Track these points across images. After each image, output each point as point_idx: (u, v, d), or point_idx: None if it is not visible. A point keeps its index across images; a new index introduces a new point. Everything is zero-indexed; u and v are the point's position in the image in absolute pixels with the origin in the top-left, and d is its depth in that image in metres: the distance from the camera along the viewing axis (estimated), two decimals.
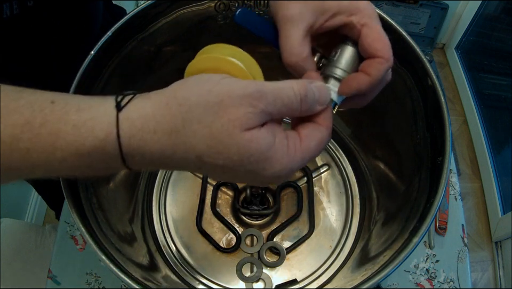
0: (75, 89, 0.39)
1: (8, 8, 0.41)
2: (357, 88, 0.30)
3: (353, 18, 0.30)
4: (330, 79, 0.31)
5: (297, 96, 0.25)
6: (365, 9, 0.30)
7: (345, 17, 0.30)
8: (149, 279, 0.40)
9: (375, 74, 0.29)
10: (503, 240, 1.40)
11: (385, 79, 0.32)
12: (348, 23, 0.30)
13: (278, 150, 0.25)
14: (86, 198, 0.40)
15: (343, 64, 0.31)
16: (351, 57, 0.31)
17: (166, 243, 0.55)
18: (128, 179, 0.54)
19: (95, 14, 0.57)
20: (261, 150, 0.24)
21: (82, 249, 0.57)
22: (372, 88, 0.30)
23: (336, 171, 0.61)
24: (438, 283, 0.56)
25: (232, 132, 0.23)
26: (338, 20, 0.30)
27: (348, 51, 0.31)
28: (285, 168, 0.25)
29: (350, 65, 0.31)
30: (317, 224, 0.57)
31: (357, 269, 0.48)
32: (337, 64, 0.31)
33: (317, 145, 0.27)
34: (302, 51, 0.30)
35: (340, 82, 0.31)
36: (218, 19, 0.50)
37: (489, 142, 1.57)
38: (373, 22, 0.29)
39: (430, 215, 0.36)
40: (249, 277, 0.52)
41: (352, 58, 0.31)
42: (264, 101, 0.24)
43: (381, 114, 0.53)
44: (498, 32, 1.81)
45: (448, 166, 0.38)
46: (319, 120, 0.28)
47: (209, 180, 0.59)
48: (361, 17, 0.29)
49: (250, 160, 0.24)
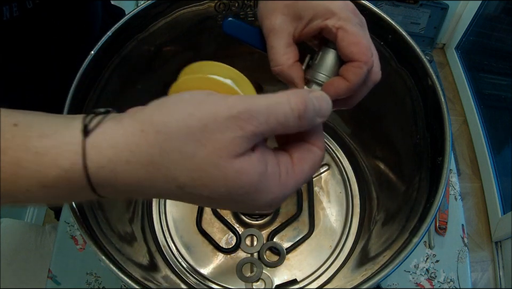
0: (75, 89, 0.39)
1: (8, 11, 0.41)
2: (335, 93, 0.29)
3: (328, 22, 0.29)
4: (312, 84, 0.31)
5: (294, 112, 0.22)
6: (340, 12, 0.29)
7: (321, 21, 0.29)
8: (149, 279, 0.40)
9: (352, 79, 0.29)
10: (503, 240, 1.40)
11: (372, 80, 0.31)
12: (324, 27, 0.29)
13: (270, 180, 0.22)
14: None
15: (324, 68, 0.31)
16: (332, 60, 0.31)
17: (166, 243, 0.55)
18: None
19: (94, 14, 0.57)
20: (251, 182, 0.21)
21: (82, 249, 0.57)
22: (351, 91, 0.29)
23: (336, 171, 0.61)
24: (438, 283, 0.56)
25: (218, 163, 0.20)
26: (315, 25, 0.30)
27: (329, 55, 0.31)
28: (277, 197, 0.23)
29: (330, 68, 0.31)
30: (317, 224, 0.57)
31: (357, 268, 0.48)
32: (318, 69, 0.31)
33: (311, 168, 0.25)
34: (286, 60, 0.31)
35: (321, 86, 0.31)
36: (218, 19, 0.50)
37: (489, 142, 1.57)
38: (348, 24, 0.29)
39: (430, 215, 0.36)
40: (249, 277, 0.52)
41: (333, 62, 0.31)
42: (255, 121, 0.21)
43: (381, 114, 0.53)
44: (498, 32, 1.81)
45: (448, 166, 0.38)
46: (311, 140, 0.25)
47: None
48: (336, 21, 0.29)
49: (239, 193, 0.21)
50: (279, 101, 0.22)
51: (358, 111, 0.58)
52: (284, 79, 0.32)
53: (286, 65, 0.31)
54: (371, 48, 0.30)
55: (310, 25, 0.30)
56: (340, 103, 0.31)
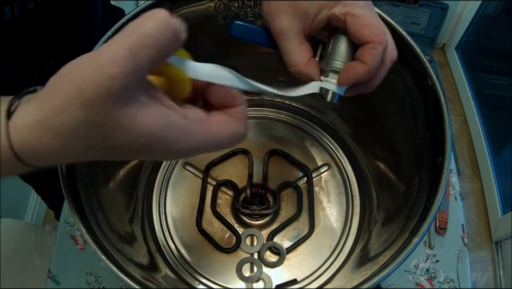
0: None
1: (9, 11, 0.41)
2: (355, 77, 0.29)
3: (335, 10, 0.29)
4: (329, 72, 0.31)
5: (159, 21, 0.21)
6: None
7: (328, 12, 0.29)
8: (149, 279, 0.40)
9: (370, 61, 0.29)
10: (503, 240, 1.40)
11: (389, 58, 0.31)
12: (331, 16, 0.29)
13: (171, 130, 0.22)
14: (86, 198, 0.40)
15: (338, 55, 0.30)
16: (344, 46, 0.30)
17: (166, 243, 0.55)
18: (128, 179, 0.54)
19: (95, 15, 0.57)
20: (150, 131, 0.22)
21: (82, 249, 0.57)
22: (371, 74, 0.29)
23: (336, 171, 0.61)
24: (438, 283, 0.56)
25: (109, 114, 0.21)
26: (322, 17, 0.30)
27: (340, 41, 0.31)
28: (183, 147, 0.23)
29: (344, 54, 0.30)
30: (317, 224, 0.57)
31: (357, 269, 0.48)
32: (333, 56, 0.31)
33: (227, 136, 0.25)
34: (301, 58, 0.31)
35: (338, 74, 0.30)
36: (218, 19, 0.50)
37: (489, 142, 1.57)
38: (355, 9, 0.29)
39: (430, 215, 0.36)
40: (249, 277, 0.52)
41: (346, 47, 0.30)
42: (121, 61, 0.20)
43: (381, 114, 0.53)
44: (498, 32, 1.81)
45: (448, 166, 0.38)
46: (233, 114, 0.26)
47: (209, 180, 0.59)
48: (342, 7, 0.29)
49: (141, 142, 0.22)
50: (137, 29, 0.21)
51: (358, 111, 0.58)
52: (303, 78, 0.32)
53: (302, 64, 0.31)
54: (383, 27, 0.29)
55: (318, 18, 0.30)
56: (361, 87, 0.31)
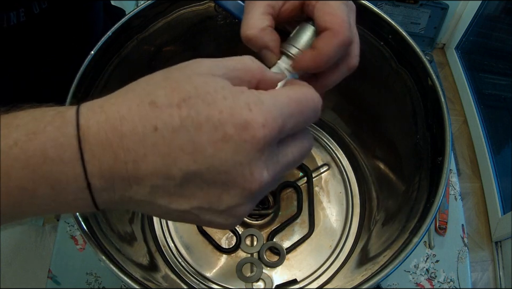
0: (75, 89, 0.39)
1: (15, 16, 0.41)
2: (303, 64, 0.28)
3: None
4: (283, 56, 0.30)
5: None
6: None
7: None
8: (149, 279, 0.40)
9: (321, 47, 0.27)
10: (503, 240, 1.40)
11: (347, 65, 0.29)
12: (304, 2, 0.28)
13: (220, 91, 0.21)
14: None
15: (296, 41, 0.30)
16: (307, 35, 0.29)
17: (166, 243, 0.55)
18: None
19: (96, 18, 0.57)
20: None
21: (82, 249, 0.57)
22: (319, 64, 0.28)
23: (336, 171, 0.61)
24: (438, 283, 0.56)
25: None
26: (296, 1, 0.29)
27: (305, 29, 0.30)
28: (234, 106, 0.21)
29: (304, 42, 0.30)
30: (317, 224, 0.57)
31: (357, 268, 0.48)
32: (291, 41, 0.30)
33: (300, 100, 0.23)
34: (259, 24, 0.28)
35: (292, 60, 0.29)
36: (218, 19, 0.50)
37: (489, 142, 1.57)
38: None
39: (430, 215, 0.36)
40: (249, 277, 0.52)
41: (308, 37, 0.29)
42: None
43: (381, 114, 0.53)
44: (498, 32, 1.81)
45: (448, 166, 0.38)
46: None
47: None
48: None
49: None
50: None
51: (358, 111, 0.58)
52: (257, 45, 0.29)
53: (259, 28, 0.28)
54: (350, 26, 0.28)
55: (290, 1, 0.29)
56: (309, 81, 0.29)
